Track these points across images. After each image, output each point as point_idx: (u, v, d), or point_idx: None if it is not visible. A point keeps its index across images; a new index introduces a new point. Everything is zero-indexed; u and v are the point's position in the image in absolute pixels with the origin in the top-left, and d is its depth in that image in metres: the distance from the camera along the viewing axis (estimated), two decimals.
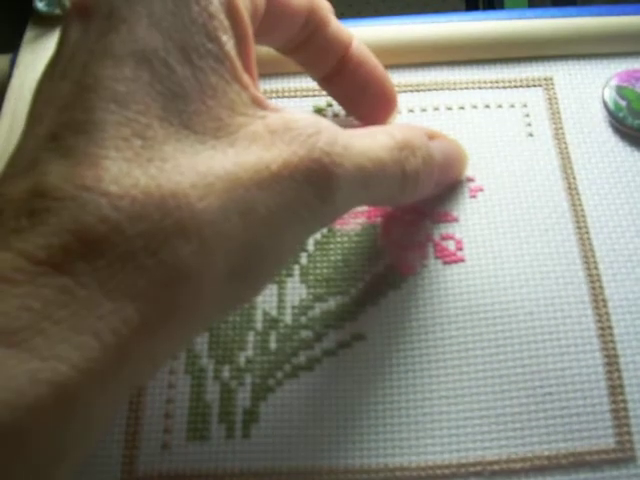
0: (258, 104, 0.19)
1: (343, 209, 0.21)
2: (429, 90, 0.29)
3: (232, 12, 0.19)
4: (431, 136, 0.25)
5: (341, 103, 0.27)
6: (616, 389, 0.23)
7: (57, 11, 0.31)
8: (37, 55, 0.31)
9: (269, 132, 0.19)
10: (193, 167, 0.17)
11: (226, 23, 0.19)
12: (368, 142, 0.21)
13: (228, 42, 0.18)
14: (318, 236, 0.26)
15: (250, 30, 0.19)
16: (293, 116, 0.19)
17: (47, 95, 0.18)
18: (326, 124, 0.20)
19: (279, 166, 0.18)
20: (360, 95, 0.26)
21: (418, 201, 0.26)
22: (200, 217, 0.17)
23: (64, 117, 0.17)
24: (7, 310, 0.15)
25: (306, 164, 0.18)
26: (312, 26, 0.24)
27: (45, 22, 0.32)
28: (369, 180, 0.21)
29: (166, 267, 0.16)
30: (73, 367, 0.15)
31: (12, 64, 0.31)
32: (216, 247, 0.17)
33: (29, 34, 0.32)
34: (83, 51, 0.18)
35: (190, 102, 0.18)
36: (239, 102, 0.18)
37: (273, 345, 0.25)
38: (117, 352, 0.16)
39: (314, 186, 0.19)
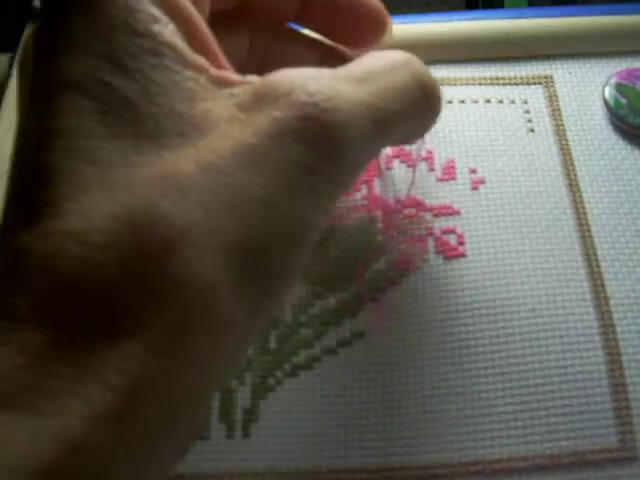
0: (222, 83, 0.17)
1: (362, 159, 0.18)
2: None
3: None
4: None
5: (328, 36, 0.25)
6: (618, 387, 0.23)
7: None
8: None
9: (242, 110, 0.17)
10: (161, 174, 0.15)
11: (154, 11, 0.17)
12: (372, 61, 0.19)
13: (163, 30, 0.17)
14: None
15: (192, 10, 0.18)
16: (261, 81, 0.17)
17: (15, 156, 0.18)
18: (300, 73, 0.17)
19: (260, 138, 0.16)
20: (340, 18, 0.23)
21: (419, 194, 0.26)
22: (179, 224, 0.15)
23: (21, 171, 0.17)
24: (1, 373, 0.14)
25: (293, 125, 0.16)
26: None
27: None
28: (377, 109, 0.18)
29: (159, 291, 0.15)
30: (81, 419, 0.14)
31: (12, 64, 0.31)
32: (208, 247, 0.15)
33: (29, 34, 0.32)
34: (31, 98, 0.17)
35: (138, 109, 0.16)
36: (197, 89, 0.17)
37: (273, 344, 0.24)
38: (130, 394, 0.14)
39: (308, 144, 0.16)
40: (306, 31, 0.25)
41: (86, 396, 0.14)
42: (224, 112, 0.17)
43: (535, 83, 0.29)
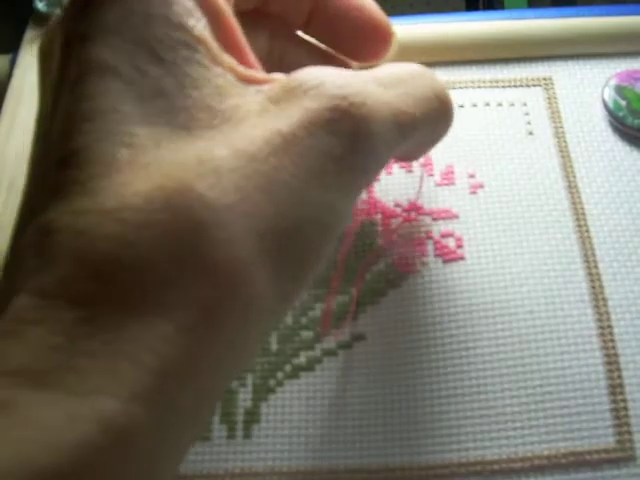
0: (249, 82, 0.17)
1: (385, 157, 0.19)
2: None
3: None
4: None
5: (334, 48, 0.25)
6: (616, 388, 0.23)
7: (57, 11, 0.31)
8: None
9: (272, 102, 0.17)
10: (196, 158, 0.16)
11: (190, 5, 0.17)
12: (380, 71, 0.19)
13: (197, 25, 0.17)
14: None
15: (223, 5, 0.18)
16: (291, 76, 0.18)
17: (38, 134, 0.18)
18: (329, 71, 0.18)
19: (291, 127, 0.16)
20: (351, 33, 0.23)
21: (418, 198, 0.26)
22: (214, 205, 0.15)
23: (51, 152, 0.16)
24: (32, 351, 0.14)
25: (321, 115, 0.17)
26: None
27: (45, 22, 0.32)
28: (400, 112, 0.18)
29: (192, 271, 0.15)
30: (115, 399, 0.13)
31: (12, 64, 0.31)
32: (242, 230, 0.15)
33: (29, 34, 0.32)
34: (53, 82, 0.17)
35: (172, 99, 0.16)
36: (226, 85, 0.17)
37: (274, 346, 0.25)
38: (162, 374, 0.14)
39: (338, 136, 0.17)
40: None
41: (120, 376, 0.14)
42: (253, 106, 0.17)
43: (534, 85, 0.29)
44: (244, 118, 0.17)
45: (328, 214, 0.17)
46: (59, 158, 0.16)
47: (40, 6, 0.31)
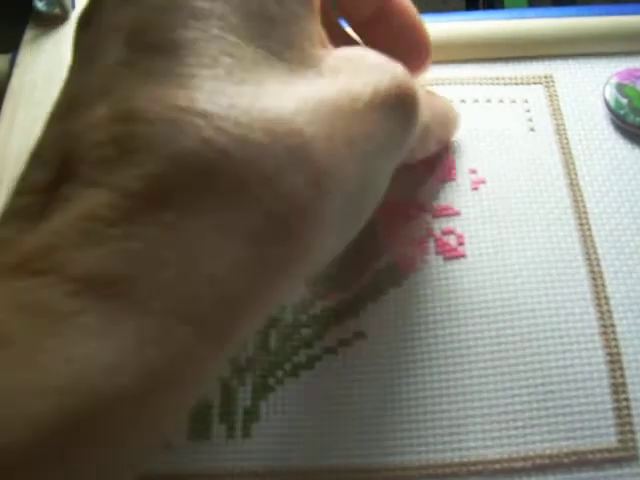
0: (326, 41, 0.18)
1: (415, 133, 0.20)
2: (429, 85, 0.29)
3: None
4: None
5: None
6: (619, 387, 0.23)
7: (57, 11, 0.32)
8: (37, 55, 0.31)
9: (346, 62, 0.18)
10: (292, 92, 0.15)
11: None
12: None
13: None
14: None
15: None
16: (358, 50, 0.19)
17: (105, 23, 0.16)
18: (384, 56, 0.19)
19: (372, 92, 0.17)
20: (396, 43, 0.24)
21: (419, 194, 0.26)
22: (311, 145, 0.15)
23: (139, 40, 0.15)
24: (104, 255, 0.13)
25: (393, 90, 0.18)
26: None
27: (45, 22, 0.32)
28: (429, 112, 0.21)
29: (282, 199, 0.14)
30: (191, 324, 0.13)
31: (12, 64, 0.31)
32: (330, 175, 0.15)
33: (29, 34, 0.32)
34: None
35: (276, 27, 0.16)
36: (316, 35, 0.17)
37: (273, 344, 0.24)
38: (236, 299, 0.14)
39: (403, 111, 0.18)
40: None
41: (199, 299, 0.13)
42: (335, 61, 0.17)
43: (535, 83, 0.29)
44: (329, 69, 0.17)
45: (382, 181, 0.19)
46: (155, 45, 0.15)
47: (40, 6, 0.31)
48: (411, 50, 0.25)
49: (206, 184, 0.14)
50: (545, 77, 0.29)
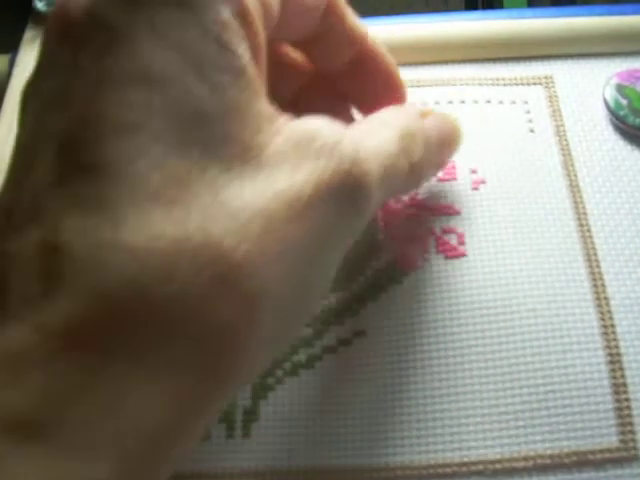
0: (274, 117, 0.17)
1: (370, 217, 0.19)
2: (430, 86, 0.29)
3: (245, 19, 0.17)
4: (424, 114, 0.24)
5: (351, 99, 0.26)
6: (619, 387, 0.23)
7: None
8: (37, 55, 0.31)
9: (291, 147, 0.17)
10: (223, 205, 0.15)
11: (241, 32, 0.17)
12: (379, 139, 0.20)
13: (245, 54, 0.16)
14: None
15: (263, 37, 0.18)
16: (310, 124, 0.18)
17: (41, 127, 0.16)
18: (342, 128, 0.18)
19: (313, 188, 0.16)
20: (371, 91, 0.24)
21: (420, 193, 0.26)
22: (239, 267, 0.15)
23: (68, 157, 0.15)
24: (28, 397, 0.13)
25: (339, 179, 0.17)
26: (329, 20, 0.22)
27: (45, 22, 0.31)
28: (386, 180, 0.19)
29: (209, 330, 0.14)
30: (110, 460, 0.13)
31: (12, 64, 0.31)
32: (260, 298, 0.15)
33: (29, 34, 0.32)
34: (80, 76, 0.15)
35: (211, 125, 0.15)
36: (259, 119, 0.17)
37: None
38: (161, 433, 0.14)
39: (348, 201, 0.17)
40: None
41: (119, 436, 0.13)
42: (276, 148, 0.17)
43: (535, 83, 0.29)
44: (270, 160, 0.16)
45: (330, 274, 0.18)
46: (83, 166, 0.15)
47: (39, 6, 0.31)
48: (388, 93, 0.25)
49: (129, 324, 0.14)
50: (545, 77, 0.29)
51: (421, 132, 0.22)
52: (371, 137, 0.20)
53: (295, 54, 0.24)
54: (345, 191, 0.17)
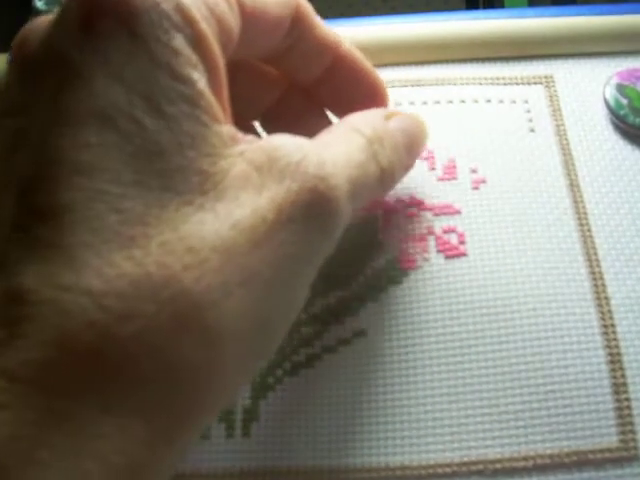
0: (235, 140, 0.17)
1: (341, 231, 0.19)
2: (430, 85, 0.29)
3: (200, 43, 0.16)
4: (389, 115, 0.23)
5: (332, 109, 0.26)
6: (620, 387, 0.23)
7: (56, 10, 0.31)
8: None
9: (254, 169, 0.17)
10: (182, 241, 0.15)
11: (194, 58, 0.16)
12: (345, 148, 0.19)
13: (200, 80, 0.16)
14: None
15: (221, 60, 0.17)
16: (272, 143, 0.17)
17: (2, 170, 0.16)
18: (307, 143, 0.18)
19: (276, 212, 0.16)
20: (351, 99, 0.24)
21: (420, 193, 0.26)
22: (199, 303, 0.15)
23: (27, 201, 0.15)
24: None
25: (303, 199, 0.17)
26: (297, 33, 0.21)
27: None
28: (356, 189, 0.19)
29: (171, 369, 0.14)
30: None
31: None
32: (224, 332, 0.15)
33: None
34: (38, 114, 0.16)
35: (168, 158, 0.15)
36: (219, 145, 0.16)
37: None
38: (128, 474, 0.14)
39: (316, 220, 0.17)
40: None
41: (86, 477, 0.13)
42: (238, 172, 0.16)
43: (536, 83, 0.29)
44: (232, 187, 0.16)
45: (299, 296, 0.18)
46: (41, 210, 0.15)
47: (39, 5, 0.31)
48: (368, 97, 0.24)
49: (91, 367, 0.14)
50: (545, 77, 0.29)
51: (388, 135, 0.21)
52: (338, 146, 0.19)
53: (269, 67, 0.24)
54: (312, 209, 0.17)
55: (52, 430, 0.13)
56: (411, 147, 0.23)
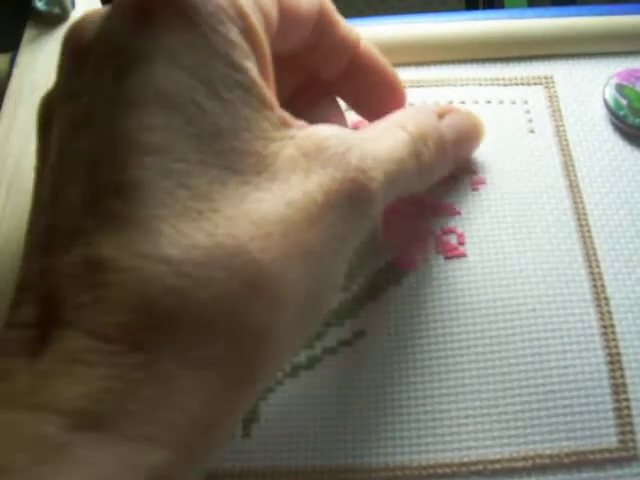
0: (285, 124, 0.18)
1: (376, 218, 0.20)
2: (429, 86, 0.29)
3: (250, 35, 0.18)
4: (442, 113, 0.24)
5: (351, 104, 0.26)
6: (619, 388, 0.23)
7: (57, 10, 0.32)
8: (37, 55, 0.31)
9: (303, 155, 0.18)
10: (246, 216, 0.16)
11: (247, 48, 0.18)
12: (388, 143, 0.21)
13: (252, 69, 0.17)
14: None
15: (268, 49, 0.19)
16: (321, 133, 0.19)
17: (68, 148, 0.17)
18: (352, 136, 0.19)
19: (323, 197, 0.18)
20: (370, 95, 0.25)
21: (420, 193, 0.26)
22: (267, 272, 0.16)
23: (98, 177, 0.16)
24: (89, 393, 0.14)
25: (346, 187, 0.18)
26: (321, 29, 0.23)
27: (45, 21, 0.32)
28: (394, 182, 0.20)
29: (243, 330, 0.16)
30: (167, 447, 0.14)
31: (12, 64, 0.31)
32: (288, 299, 0.16)
33: (29, 34, 0.32)
34: (100, 99, 0.17)
35: (226, 140, 0.17)
36: (270, 128, 0.18)
37: None
38: (207, 424, 0.15)
39: (356, 207, 0.18)
40: None
41: (171, 424, 0.14)
42: (288, 155, 0.18)
43: (535, 83, 0.29)
44: (283, 169, 0.17)
45: (339, 277, 0.19)
46: (114, 186, 0.16)
47: (39, 5, 0.32)
48: (387, 101, 0.25)
49: (172, 327, 0.15)
50: (545, 77, 0.29)
51: (435, 132, 0.23)
52: (382, 141, 0.20)
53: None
54: (352, 198, 0.18)
55: (141, 384, 0.14)
56: (460, 144, 0.25)
